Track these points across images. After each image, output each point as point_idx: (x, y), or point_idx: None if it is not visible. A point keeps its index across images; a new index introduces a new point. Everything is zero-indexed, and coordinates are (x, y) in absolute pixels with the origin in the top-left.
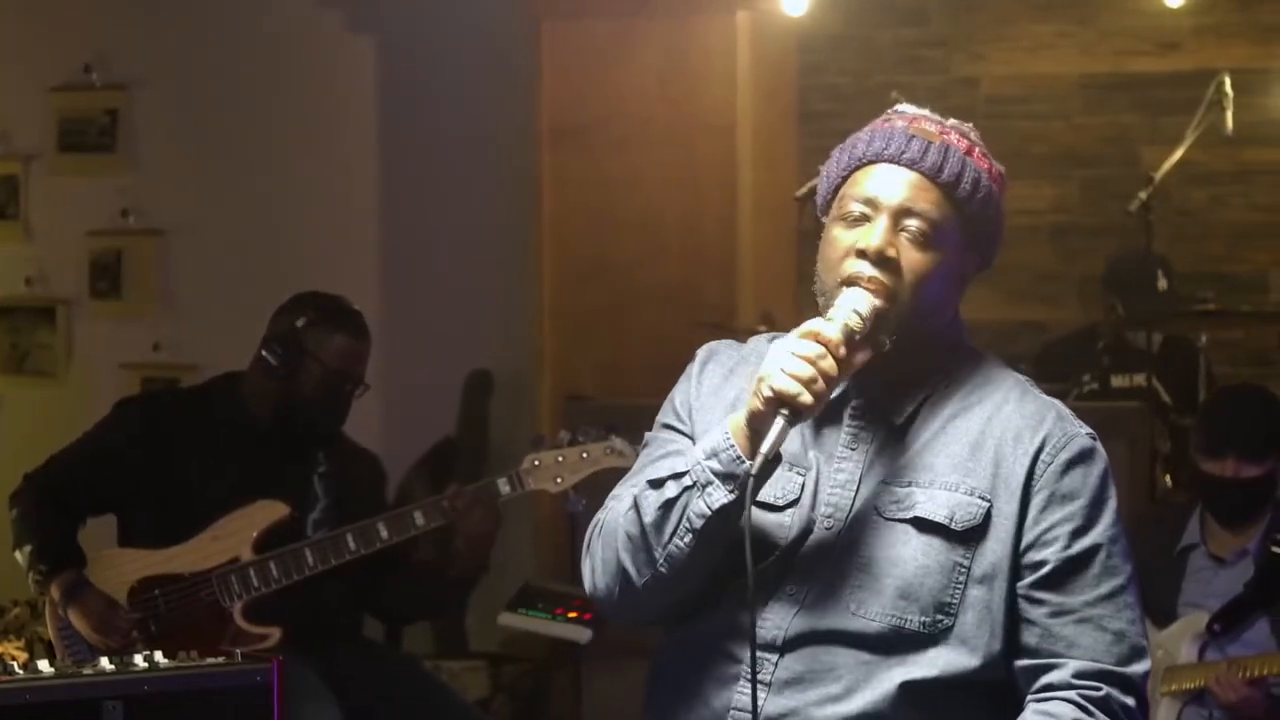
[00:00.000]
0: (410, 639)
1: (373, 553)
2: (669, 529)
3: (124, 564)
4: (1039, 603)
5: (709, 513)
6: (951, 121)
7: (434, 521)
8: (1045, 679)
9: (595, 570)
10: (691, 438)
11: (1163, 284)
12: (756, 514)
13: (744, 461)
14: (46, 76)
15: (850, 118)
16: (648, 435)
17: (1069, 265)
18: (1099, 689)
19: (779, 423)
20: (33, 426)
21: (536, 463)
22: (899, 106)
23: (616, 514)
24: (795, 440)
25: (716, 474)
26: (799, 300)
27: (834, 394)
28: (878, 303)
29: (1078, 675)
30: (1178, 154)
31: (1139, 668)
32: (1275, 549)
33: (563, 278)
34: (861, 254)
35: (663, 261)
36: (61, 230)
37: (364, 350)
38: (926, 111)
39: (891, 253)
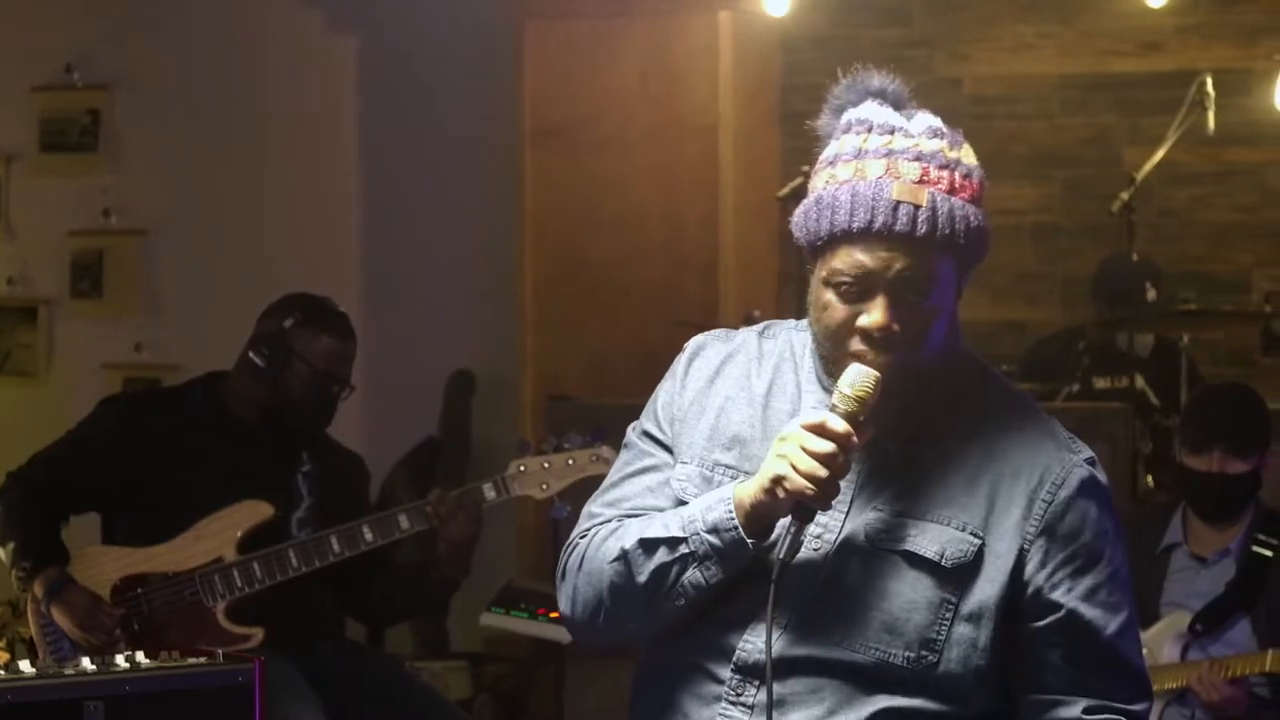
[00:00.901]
0: (392, 639)
1: (356, 554)
2: (661, 590)
3: (107, 562)
4: (1053, 645)
5: (705, 585)
6: (926, 138)
7: (418, 525)
8: (1055, 715)
9: (575, 602)
10: (670, 449)
11: (1152, 294)
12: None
13: (746, 545)
14: (28, 76)
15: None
16: (629, 433)
17: (1051, 265)
18: None
19: (794, 527)
20: (14, 426)
21: (522, 468)
22: (861, 114)
23: (601, 557)
24: None
25: (716, 550)
26: (781, 300)
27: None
28: (880, 376)
29: (1087, 711)
30: (1159, 154)
31: (1142, 705)
32: (1256, 548)
33: (545, 277)
34: (865, 334)
35: (645, 261)
36: (43, 230)
37: (350, 352)
38: (895, 120)
39: (896, 327)
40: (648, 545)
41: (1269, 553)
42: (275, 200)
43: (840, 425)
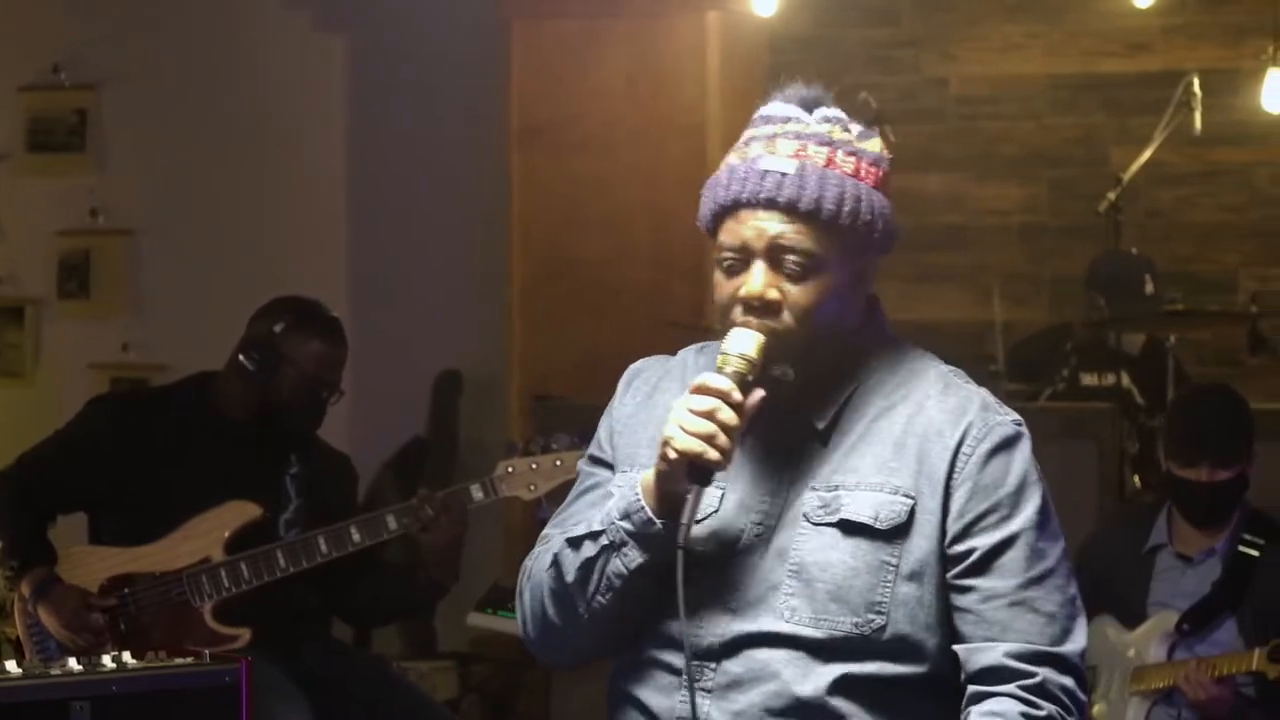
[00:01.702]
0: (380, 639)
1: (344, 555)
2: (590, 588)
3: (94, 562)
4: (969, 590)
5: (626, 573)
6: (819, 123)
7: (406, 525)
8: (977, 661)
9: (525, 619)
10: (611, 466)
11: (1150, 288)
12: (674, 529)
13: (655, 523)
14: (15, 76)
15: None
16: (579, 464)
17: (1037, 265)
18: (1034, 674)
19: (694, 490)
20: (1, 426)
21: (510, 469)
22: (765, 112)
23: (540, 567)
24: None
25: (630, 534)
26: None
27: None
28: (765, 339)
29: (1009, 655)
30: (1146, 154)
31: (1073, 646)
32: (1243, 548)
33: (532, 277)
34: (744, 302)
35: (632, 261)
36: (30, 230)
37: (341, 357)
38: (791, 118)
39: (773, 294)
40: (573, 544)
41: (1255, 552)
42: (263, 200)
43: (719, 381)
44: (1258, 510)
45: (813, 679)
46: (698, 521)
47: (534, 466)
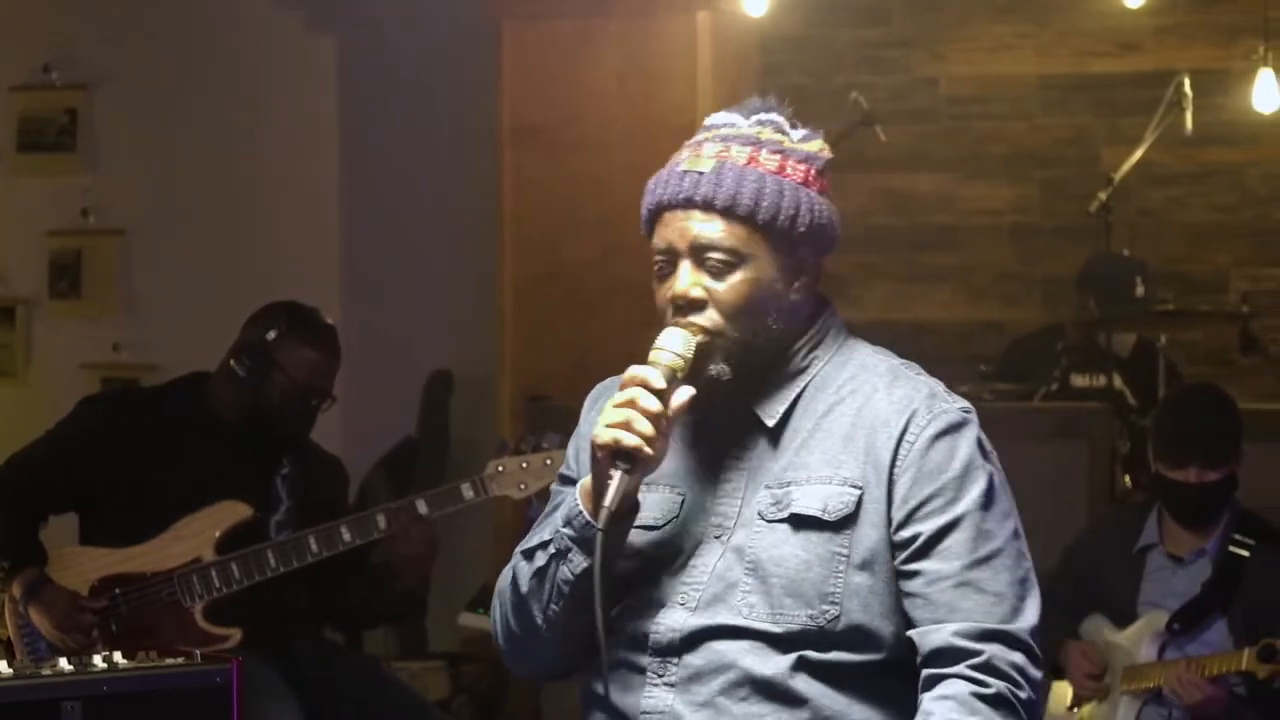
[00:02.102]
0: (370, 640)
1: (335, 555)
2: (544, 597)
3: (85, 562)
4: (916, 574)
5: (572, 579)
6: (752, 126)
7: (395, 525)
8: (927, 643)
9: (497, 632)
10: (576, 482)
11: (1141, 290)
12: (636, 536)
13: (593, 526)
14: (6, 76)
15: (811, 118)
16: (552, 486)
17: (1029, 265)
18: (981, 652)
19: (615, 475)
20: None
21: (500, 468)
22: (708, 120)
23: (504, 582)
24: (675, 462)
25: (572, 539)
26: None
27: (670, 435)
28: (696, 338)
29: (957, 634)
30: (1137, 154)
31: (1023, 623)
32: (1233, 548)
33: (523, 278)
34: (675, 305)
35: (623, 261)
36: (21, 230)
37: (333, 365)
38: (727, 122)
39: (696, 293)
40: (527, 555)
41: (1245, 552)
42: (254, 200)
43: (641, 370)
44: (1248, 510)
45: (773, 663)
46: (659, 527)
47: (524, 465)
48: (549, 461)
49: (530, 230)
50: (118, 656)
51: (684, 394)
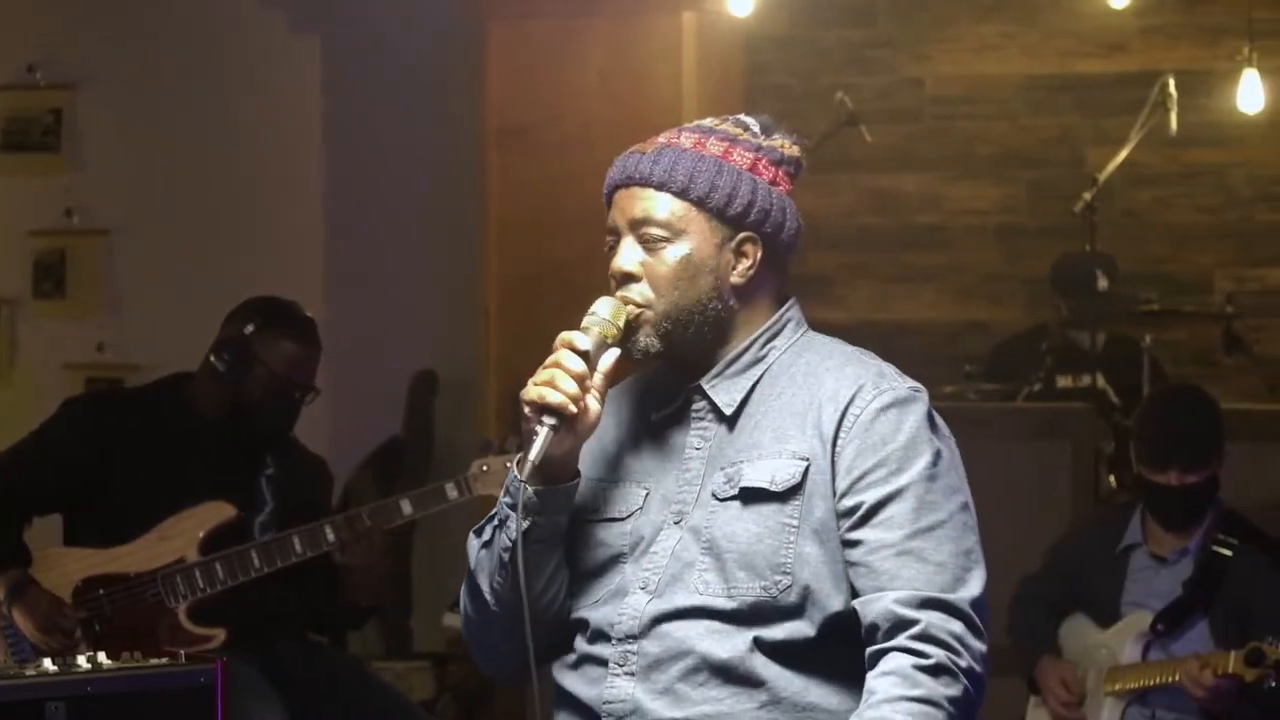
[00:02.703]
0: (355, 640)
1: (319, 555)
2: (490, 568)
3: (69, 563)
4: (858, 543)
5: (510, 545)
6: (708, 122)
7: (380, 525)
8: (869, 613)
9: (462, 628)
10: None
11: (1103, 283)
12: (601, 530)
13: (523, 484)
14: None
15: (797, 119)
16: None
17: (1014, 266)
18: (918, 620)
19: (541, 430)
20: None
21: (484, 468)
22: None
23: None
24: (641, 458)
25: (511, 506)
26: None
27: (600, 397)
28: (627, 307)
29: (897, 602)
30: (1122, 155)
31: (964, 593)
32: (1216, 548)
33: (508, 278)
34: (613, 278)
35: (608, 262)
36: (5, 230)
37: (313, 357)
38: (698, 123)
39: (631, 266)
40: (476, 533)
41: (1227, 552)
42: (238, 200)
43: (567, 334)
44: (1231, 510)
45: (730, 646)
46: (623, 519)
47: (508, 465)
48: None
49: (515, 230)
50: (102, 657)
51: (610, 356)
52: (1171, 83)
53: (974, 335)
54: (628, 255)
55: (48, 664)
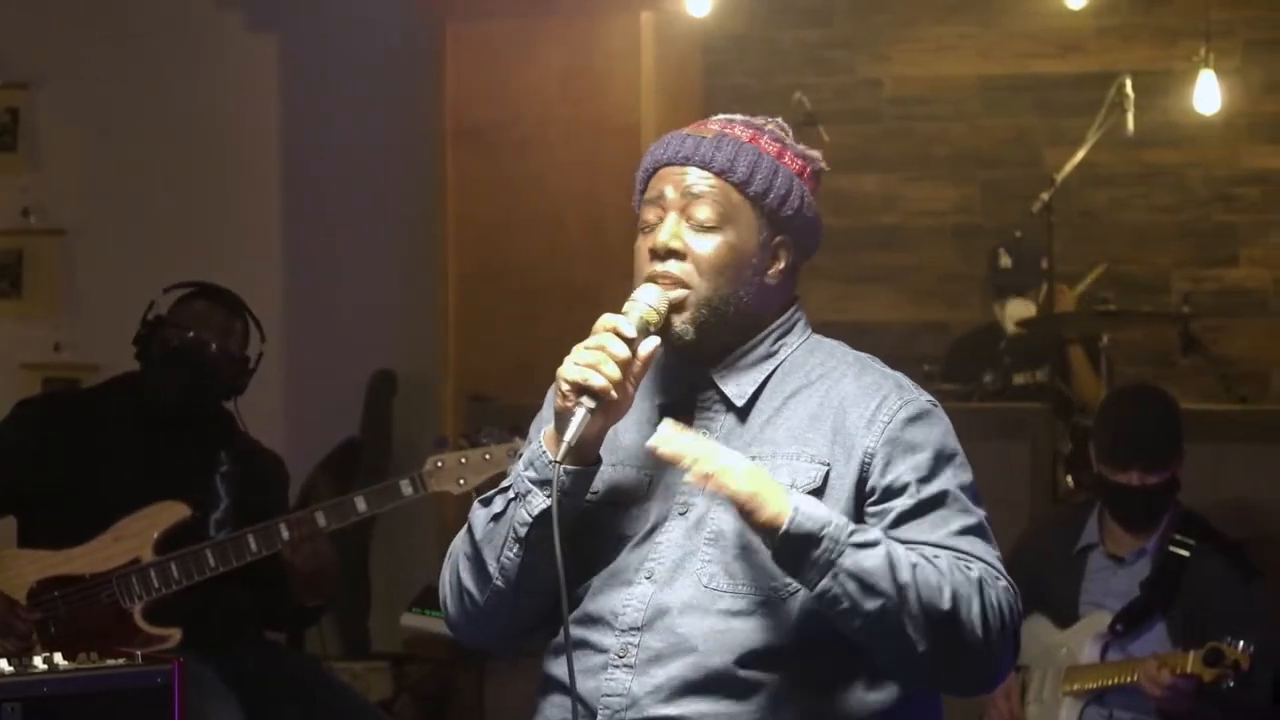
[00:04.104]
0: (313, 640)
1: (274, 554)
2: (499, 542)
3: (23, 565)
4: (901, 538)
5: (529, 520)
6: (753, 118)
7: (336, 522)
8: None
9: (446, 597)
10: None
11: (1005, 261)
12: (608, 513)
13: (554, 464)
14: None
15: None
16: (510, 465)
17: (972, 266)
18: (965, 553)
19: (579, 411)
20: None
21: (439, 464)
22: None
23: (459, 538)
24: (644, 443)
25: (533, 481)
26: None
27: (637, 383)
28: (670, 295)
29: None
30: (1079, 155)
31: (1002, 568)
32: (1173, 548)
33: (466, 278)
34: (654, 252)
35: (567, 262)
36: None
37: (226, 320)
38: (734, 116)
39: (677, 244)
40: (484, 502)
41: (1185, 553)
42: (196, 200)
43: (615, 317)
44: (1189, 510)
45: (731, 645)
46: (625, 505)
47: (463, 461)
48: (488, 457)
49: (473, 230)
50: (58, 658)
51: (650, 344)
52: (1128, 83)
53: (931, 335)
54: (674, 230)
55: (3, 665)
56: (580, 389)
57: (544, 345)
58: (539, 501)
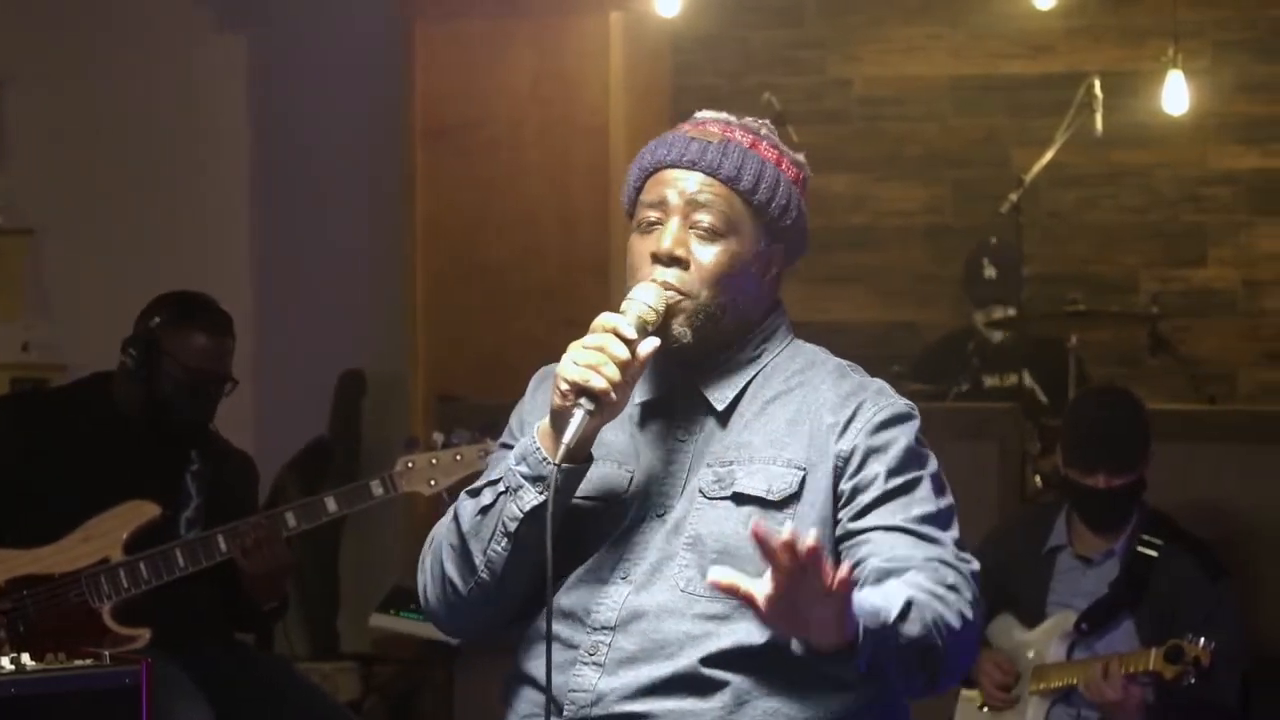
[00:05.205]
0: (281, 640)
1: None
2: (486, 534)
3: None
4: (862, 532)
5: (520, 515)
6: (744, 120)
7: (305, 523)
8: (878, 565)
9: (426, 585)
10: None
11: (990, 272)
12: (586, 508)
13: (549, 462)
14: None
15: None
16: (490, 456)
17: (942, 266)
18: (936, 563)
19: (578, 413)
20: None
21: (410, 465)
22: (696, 114)
23: (443, 525)
24: (624, 439)
25: (526, 477)
26: None
27: (634, 384)
28: (668, 294)
29: (910, 568)
30: (1048, 156)
31: (972, 565)
32: (1141, 548)
33: (436, 278)
34: (655, 257)
35: (536, 262)
36: None
37: (224, 347)
38: (723, 115)
39: (681, 251)
40: (472, 493)
41: (1153, 553)
42: (165, 199)
43: (612, 317)
44: (1156, 510)
45: (702, 649)
46: (605, 501)
47: (434, 462)
48: (459, 457)
49: (443, 230)
50: (26, 658)
51: (650, 344)
52: (1097, 84)
53: (902, 335)
54: (678, 237)
55: None
56: (580, 390)
57: (513, 345)
58: (530, 498)
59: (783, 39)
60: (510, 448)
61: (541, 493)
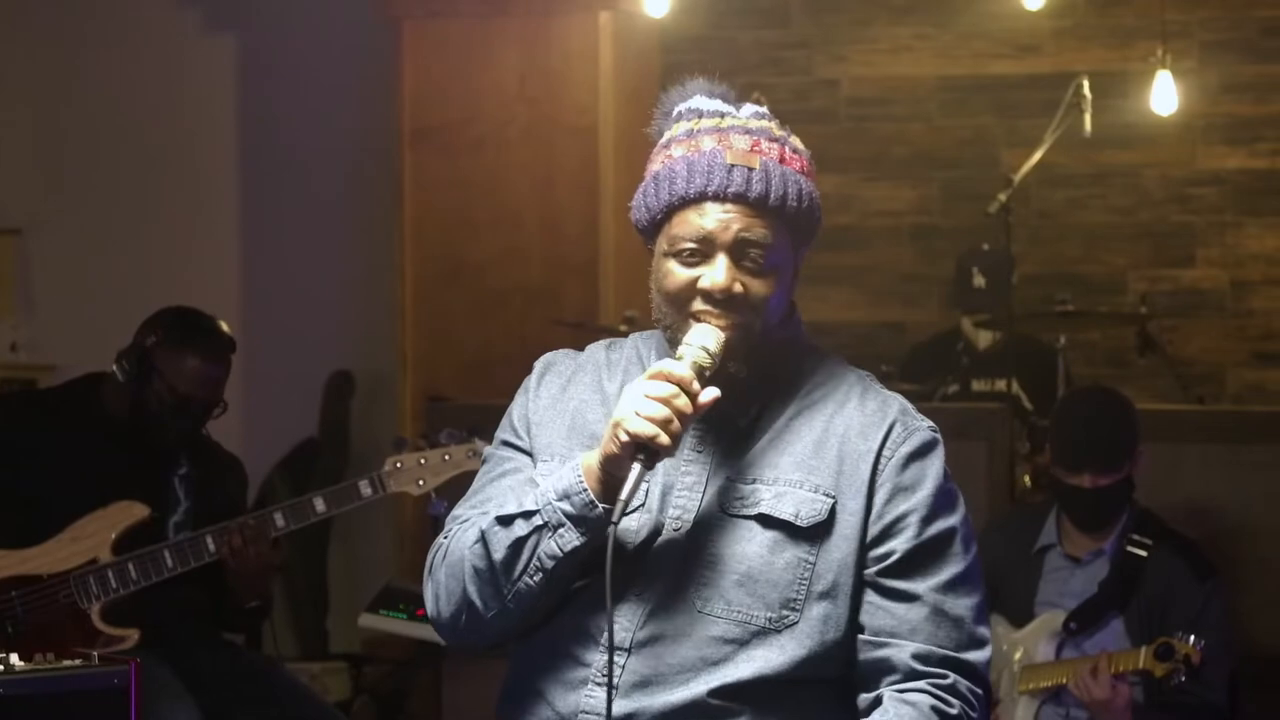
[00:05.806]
0: (270, 640)
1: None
2: (519, 568)
3: None
4: (883, 589)
5: (560, 555)
6: (753, 119)
7: (294, 523)
8: (881, 655)
9: (439, 598)
10: (530, 453)
11: (979, 281)
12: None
13: (596, 506)
14: None
15: None
16: (486, 450)
17: (930, 267)
18: (946, 676)
19: (636, 468)
20: None
21: (398, 465)
22: (692, 104)
23: (462, 544)
24: None
25: (569, 516)
26: None
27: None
28: (725, 336)
29: (916, 657)
30: (1036, 156)
31: (979, 655)
32: (1130, 548)
33: (424, 278)
34: (707, 295)
35: (524, 262)
36: None
37: (218, 374)
38: (730, 111)
39: (738, 289)
40: (504, 521)
41: (1142, 552)
42: (152, 199)
43: (680, 369)
44: (1146, 510)
45: (715, 679)
46: (629, 513)
47: (422, 462)
48: (447, 457)
49: (430, 230)
50: (15, 659)
51: (710, 394)
52: (1085, 84)
53: (889, 336)
54: (729, 274)
55: None
56: (643, 446)
57: (501, 345)
58: (572, 539)
59: (770, 39)
60: (512, 445)
61: (584, 534)
